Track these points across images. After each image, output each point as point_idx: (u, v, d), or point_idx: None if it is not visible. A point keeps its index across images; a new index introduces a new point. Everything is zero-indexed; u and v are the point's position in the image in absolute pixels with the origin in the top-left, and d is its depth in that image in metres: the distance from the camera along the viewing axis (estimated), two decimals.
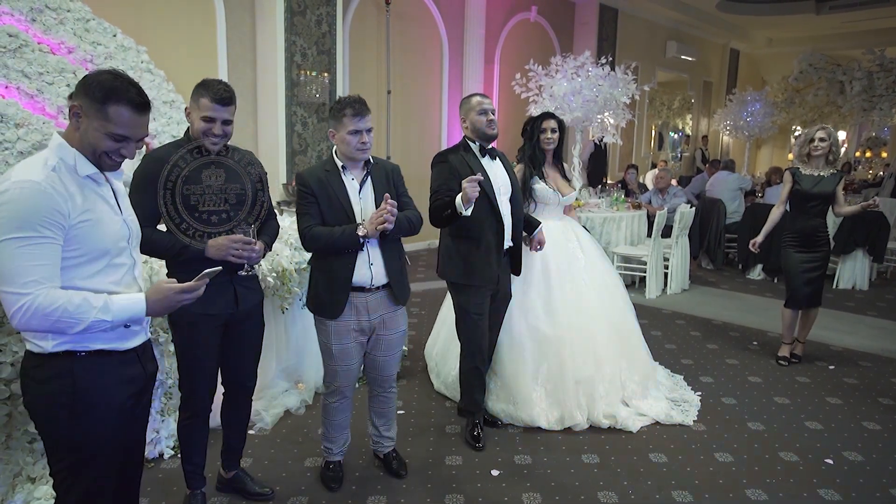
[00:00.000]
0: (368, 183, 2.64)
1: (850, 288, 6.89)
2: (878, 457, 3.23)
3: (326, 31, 6.56)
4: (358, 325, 2.65)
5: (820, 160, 4.28)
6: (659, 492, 2.87)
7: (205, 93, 2.26)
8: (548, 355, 3.46)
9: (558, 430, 3.41)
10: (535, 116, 3.70)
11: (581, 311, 3.54)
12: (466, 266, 3.08)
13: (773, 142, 15.79)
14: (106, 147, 1.64)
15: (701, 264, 7.86)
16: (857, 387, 4.13)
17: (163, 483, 2.86)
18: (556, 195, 3.64)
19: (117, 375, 1.72)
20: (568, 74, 7.16)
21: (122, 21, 4.77)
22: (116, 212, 1.75)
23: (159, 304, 1.66)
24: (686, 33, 12.99)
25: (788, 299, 4.48)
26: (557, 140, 3.63)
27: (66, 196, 1.59)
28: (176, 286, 1.66)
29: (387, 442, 3.00)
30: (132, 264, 1.78)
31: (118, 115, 1.61)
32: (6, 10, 3.89)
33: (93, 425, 1.68)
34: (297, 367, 3.73)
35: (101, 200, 1.69)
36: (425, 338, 4.66)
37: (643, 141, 12.86)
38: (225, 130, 2.30)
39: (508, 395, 3.49)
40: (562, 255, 3.63)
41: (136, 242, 1.85)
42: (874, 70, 12.15)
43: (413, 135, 8.38)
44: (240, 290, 2.41)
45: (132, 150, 1.69)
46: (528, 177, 3.62)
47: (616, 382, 3.55)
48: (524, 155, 3.67)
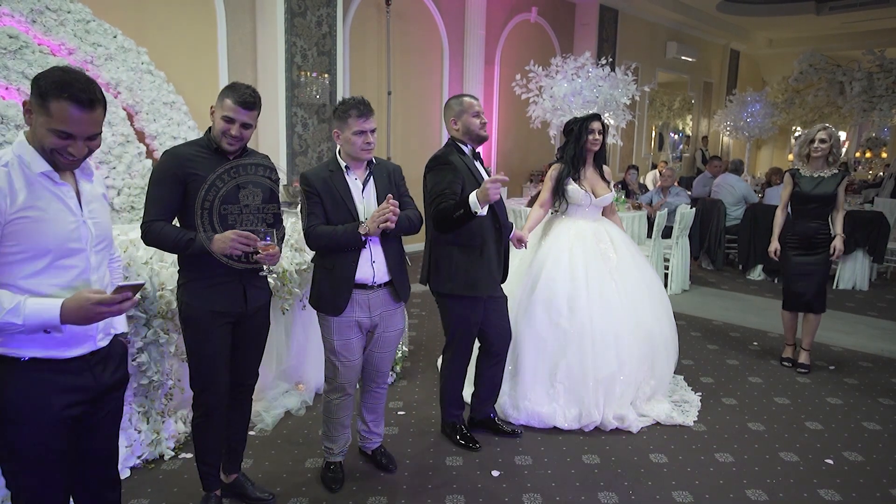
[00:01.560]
0: (371, 182, 2.69)
1: (850, 288, 6.89)
2: (879, 457, 3.23)
3: (327, 32, 6.56)
4: (359, 322, 2.69)
5: (820, 161, 4.23)
6: (659, 492, 2.87)
7: (230, 94, 2.30)
8: (568, 352, 3.44)
9: (575, 428, 3.41)
10: (582, 117, 3.65)
11: (607, 310, 3.48)
12: (469, 277, 3.00)
13: (773, 142, 15.80)
14: (52, 144, 1.60)
15: (701, 265, 7.86)
16: (858, 387, 4.13)
17: (163, 484, 2.86)
18: (588, 196, 3.62)
19: (53, 384, 1.67)
20: (568, 75, 7.17)
21: (123, 22, 4.77)
22: (74, 213, 1.69)
23: (75, 314, 1.56)
24: (686, 34, 13.00)
25: (783, 300, 4.49)
26: (601, 142, 3.63)
27: (8, 192, 1.57)
28: (95, 297, 1.57)
29: (376, 438, 3.04)
30: (86, 268, 1.70)
31: (59, 110, 1.57)
32: (6, 11, 3.90)
33: (25, 434, 1.65)
34: (297, 369, 3.73)
35: (54, 199, 1.65)
36: (426, 338, 4.67)
37: (643, 141, 12.86)
38: (243, 133, 2.33)
39: (525, 391, 3.48)
40: (591, 255, 3.58)
41: (102, 247, 1.78)
42: (874, 71, 12.14)
43: (413, 136, 8.38)
44: (249, 289, 2.43)
45: (80, 149, 1.64)
46: (564, 176, 3.61)
47: (632, 385, 3.53)
48: (565, 154, 3.64)
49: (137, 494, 2.76)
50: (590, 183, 3.67)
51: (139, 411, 2.95)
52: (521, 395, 3.50)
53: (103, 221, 1.80)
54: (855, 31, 13.25)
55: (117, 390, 1.87)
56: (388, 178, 2.73)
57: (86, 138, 1.64)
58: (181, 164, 2.31)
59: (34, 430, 1.66)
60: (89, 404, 1.76)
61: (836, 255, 4.24)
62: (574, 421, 3.43)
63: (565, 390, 3.45)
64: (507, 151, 9.85)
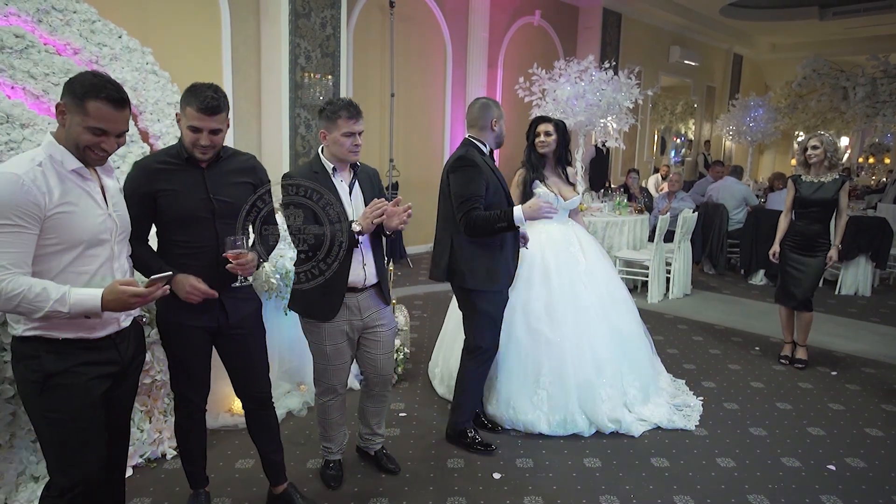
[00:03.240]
0: (357, 186, 2.69)
1: (853, 294, 6.88)
2: (881, 463, 3.22)
3: (330, 33, 6.57)
4: (350, 325, 2.68)
5: (819, 166, 4.32)
6: (661, 496, 2.87)
7: (192, 100, 2.12)
8: (549, 358, 3.44)
9: (561, 434, 3.40)
10: (531, 120, 3.72)
11: (581, 313, 3.52)
12: (490, 271, 3.05)
13: (775, 147, 15.78)
14: (87, 141, 1.78)
15: (703, 269, 7.85)
16: (860, 393, 4.13)
17: (165, 483, 2.86)
18: (557, 199, 3.64)
19: (83, 358, 1.86)
20: (571, 78, 7.17)
21: (128, 22, 4.78)
22: (101, 206, 1.88)
23: (113, 304, 1.75)
24: (689, 38, 13.00)
25: (777, 295, 4.65)
26: (555, 143, 3.61)
27: (45, 190, 1.73)
28: (130, 290, 1.75)
29: (378, 439, 3.03)
30: (110, 256, 1.90)
31: (96, 109, 1.75)
32: (13, 10, 3.90)
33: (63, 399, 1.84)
34: (299, 369, 3.73)
35: (84, 194, 1.83)
36: (427, 339, 4.67)
37: (646, 145, 12.85)
38: (213, 140, 2.18)
39: (508, 399, 3.48)
40: (563, 258, 3.62)
41: (123, 237, 1.98)
42: (878, 76, 12.13)
43: (416, 138, 8.39)
44: (228, 302, 2.33)
45: (112, 144, 1.83)
46: (529, 181, 3.63)
47: (618, 386, 3.54)
48: (526, 158, 3.68)
49: (140, 493, 2.76)
50: (556, 185, 3.67)
51: (142, 410, 2.95)
52: (505, 403, 3.48)
53: (124, 214, 1.99)
54: (858, 36, 13.24)
55: (137, 365, 2.11)
56: (370, 181, 2.75)
57: (116, 135, 1.82)
58: (149, 180, 2.20)
59: (70, 397, 1.84)
60: (115, 378, 1.97)
61: (830, 263, 4.40)
62: (559, 427, 3.41)
63: (548, 396, 3.44)
64: (509, 155, 9.84)
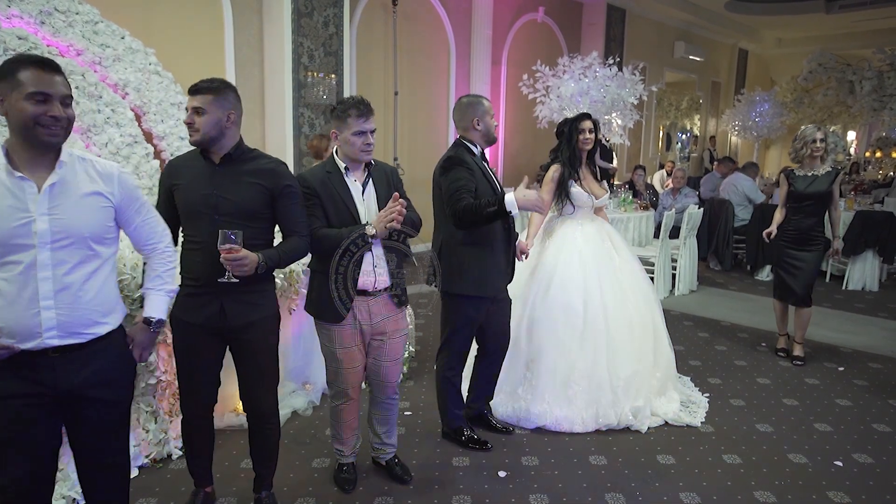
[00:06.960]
0: (371, 185, 2.64)
1: (860, 289, 6.83)
2: (889, 459, 3.20)
3: (333, 32, 6.57)
4: (360, 329, 2.64)
5: (815, 160, 4.37)
6: (667, 493, 2.86)
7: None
8: (586, 354, 3.45)
9: (591, 430, 3.40)
10: (572, 117, 3.64)
11: (620, 309, 3.54)
12: (478, 277, 3.01)
13: (781, 142, 15.68)
14: (32, 112, 1.67)
15: (709, 265, 7.82)
16: (867, 388, 4.10)
17: (171, 483, 2.87)
18: (591, 198, 3.63)
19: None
20: (575, 75, 7.16)
21: (131, 23, 4.78)
22: (23, 208, 1.68)
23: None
24: (694, 33, 12.94)
25: (773, 290, 4.69)
26: (593, 141, 3.61)
27: None
28: None
29: (389, 449, 2.97)
30: (32, 264, 1.68)
31: (27, 75, 1.68)
32: (16, 12, 3.92)
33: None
34: (304, 368, 3.74)
35: (8, 195, 1.68)
36: (432, 338, 4.67)
37: (651, 141, 12.81)
38: (194, 119, 2.23)
39: (543, 394, 3.47)
40: (599, 255, 3.62)
41: (66, 243, 1.73)
42: (885, 69, 12.05)
43: (420, 136, 8.38)
44: (226, 304, 2.28)
45: (59, 110, 1.70)
46: (566, 178, 3.60)
47: (645, 381, 3.55)
48: (562, 156, 3.61)
49: (145, 493, 2.77)
50: (588, 184, 3.67)
51: (147, 411, 2.96)
52: (539, 398, 3.48)
53: (74, 218, 1.74)
54: (865, 29, 13.15)
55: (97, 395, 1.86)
56: (386, 180, 2.67)
57: (60, 101, 1.71)
58: (169, 174, 2.34)
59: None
60: (60, 407, 1.83)
61: (836, 258, 4.47)
62: (591, 422, 3.42)
63: (582, 391, 3.45)
64: (514, 152, 9.84)
